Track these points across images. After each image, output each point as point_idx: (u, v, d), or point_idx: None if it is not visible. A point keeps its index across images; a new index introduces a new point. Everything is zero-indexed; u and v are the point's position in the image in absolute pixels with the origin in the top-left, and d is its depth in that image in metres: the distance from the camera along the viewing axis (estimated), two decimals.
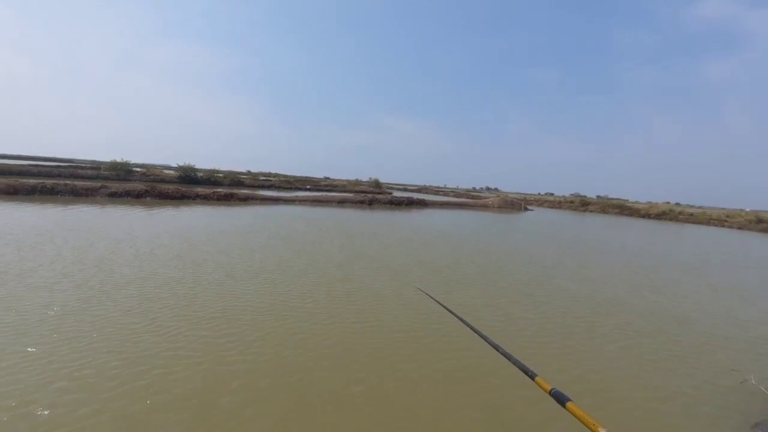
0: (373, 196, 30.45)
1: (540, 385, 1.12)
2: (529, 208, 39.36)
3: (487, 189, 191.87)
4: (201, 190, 23.26)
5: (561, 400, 1.03)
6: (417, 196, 38.88)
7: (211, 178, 35.82)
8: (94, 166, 37.97)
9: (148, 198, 19.82)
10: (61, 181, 20.14)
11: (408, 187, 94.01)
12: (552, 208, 46.95)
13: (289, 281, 6.81)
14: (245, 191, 26.60)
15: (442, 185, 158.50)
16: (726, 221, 36.62)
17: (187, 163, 35.13)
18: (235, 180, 38.87)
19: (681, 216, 38.51)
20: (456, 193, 74.70)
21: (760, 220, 34.26)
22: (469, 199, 43.12)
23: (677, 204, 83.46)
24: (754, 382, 4.31)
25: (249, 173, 57.67)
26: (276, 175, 61.96)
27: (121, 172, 31.52)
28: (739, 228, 34.55)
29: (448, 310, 2.05)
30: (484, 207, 35.28)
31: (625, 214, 40.58)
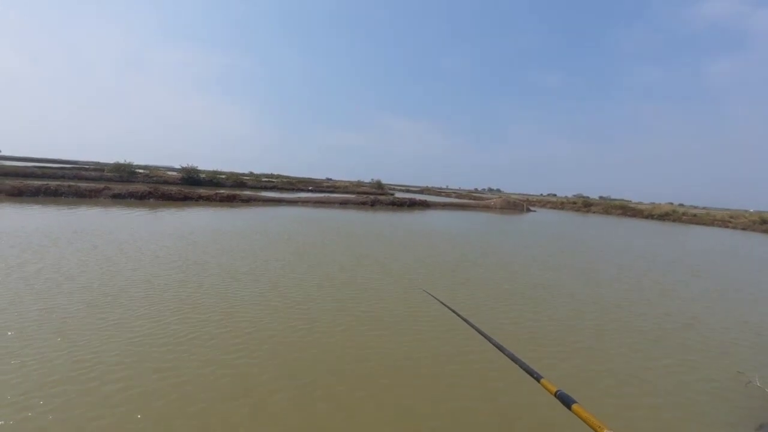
0: (375, 197, 30.47)
1: (545, 387, 1.12)
2: (531, 209, 39.27)
3: (490, 190, 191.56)
4: (203, 191, 23.35)
5: (566, 402, 1.03)
6: (419, 197, 38.86)
7: (213, 180, 35.96)
8: (98, 167, 38.15)
9: (151, 199, 19.91)
10: (65, 183, 20.26)
11: (410, 188, 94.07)
12: (554, 209, 46.81)
13: (292, 284, 6.81)
14: (248, 192, 26.67)
15: (444, 186, 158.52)
16: (730, 222, 36.40)
17: (189, 164, 35.35)
18: (237, 181, 39.00)
19: (684, 217, 38.32)
20: (458, 194, 74.62)
21: (764, 221, 34.01)
22: (471, 200, 43.09)
23: (680, 205, 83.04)
24: (759, 384, 4.29)
25: (251, 174, 57.86)
26: (278, 176, 62.15)
27: (124, 173, 31.68)
28: (743, 229, 34.34)
29: (454, 312, 2.05)
30: (487, 208, 35.23)
31: (628, 215, 40.42)
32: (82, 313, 4.81)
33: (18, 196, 17.18)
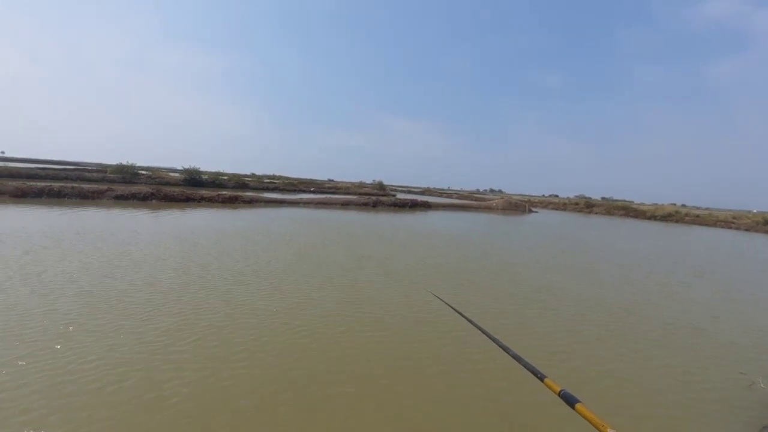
0: (377, 198, 30.48)
1: (549, 387, 1.13)
2: (533, 210, 39.21)
3: (491, 191, 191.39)
4: (206, 192, 23.41)
5: (570, 401, 1.04)
6: (421, 198, 38.85)
7: (215, 181, 36.06)
8: (101, 169, 38.33)
9: (154, 201, 19.98)
10: (68, 184, 20.34)
11: (412, 189, 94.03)
12: (556, 209, 46.70)
13: (294, 286, 6.82)
14: (250, 194, 26.72)
15: (445, 187, 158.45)
16: (733, 223, 36.25)
17: (191, 165, 35.51)
18: (239, 182, 39.12)
19: (687, 217, 38.18)
20: (460, 195, 74.63)
21: (767, 222, 33.88)
22: (473, 201, 43.09)
23: (683, 205, 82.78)
24: (762, 385, 4.28)
25: (253, 176, 58.01)
26: (280, 177, 62.30)
27: (126, 174, 31.81)
28: (746, 229, 34.18)
29: (458, 312, 2.06)
30: (488, 209, 35.21)
31: (631, 216, 40.30)
32: (85, 315, 4.82)
33: (21, 197, 17.27)
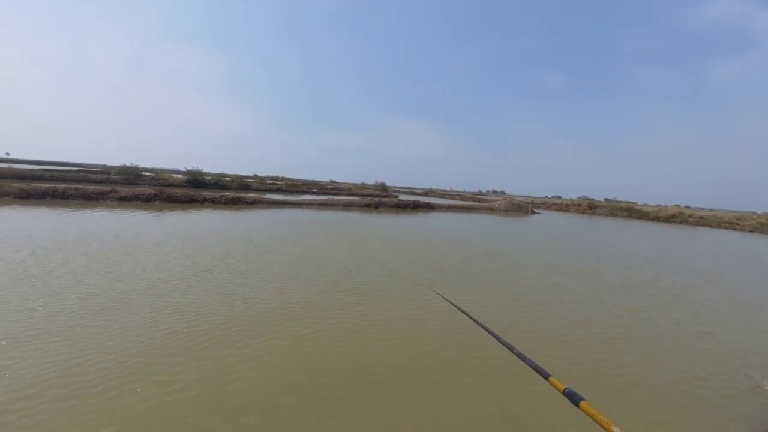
0: (379, 199, 30.48)
1: (554, 385, 1.13)
2: (536, 211, 39.10)
3: (494, 192, 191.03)
4: (209, 193, 23.49)
5: (574, 399, 1.04)
6: (423, 199, 38.83)
7: (218, 182, 36.20)
8: (104, 170, 38.52)
9: (157, 202, 20.06)
10: (72, 186, 20.45)
11: (414, 190, 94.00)
12: (559, 211, 46.56)
13: (296, 288, 6.82)
14: (252, 195, 26.78)
15: (448, 188, 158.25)
16: (737, 224, 36.02)
17: (193, 166, 35.65)
18: (242, 184, 39.25)
19: (691, 219, 37.97)
20: (462, 196, 74.59)
21: None
22: (475, 203, 43.00)
23: (687, 207, 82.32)
24: (767, 387, 4.25)
25: (256, 177, 58.20)
26: (283, 178, 62.45)
27: (130, 176, 31.97)
28: (750, 231, 33.97)
29: (462, 311, 2.06)
30: (491, 210, 35.14)
31: (634, 217, 40.13)
32: (87, 318, 4.83)
33: (26, 198, 17.39)
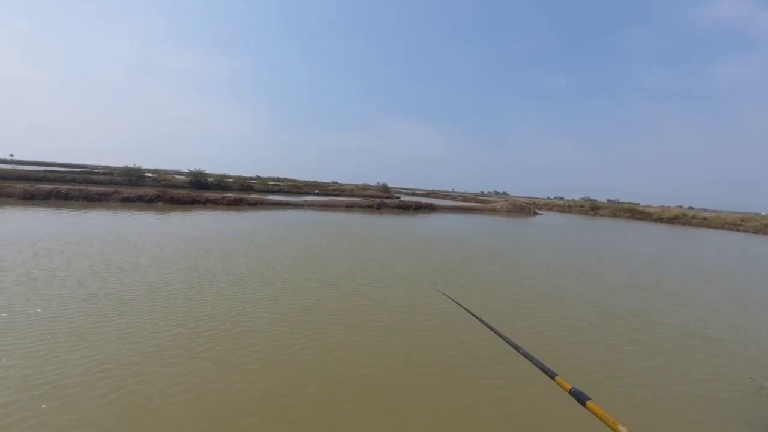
0: (381, 200, 30.49)
1: (560, 384, 1.12)
2: (538, 212, 39.03)
3: (496, 193, 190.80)
4: (211, 195, 23.56)
5: (581, 399, 1.03)
6: (425, 200, 38.85)
7: (220, 183, 36.35)
8: (107, 171, 38.70)
9: (160, 203, 20.13)
10: (76, 187, 20.56)
11: (416, 191, 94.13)
12: (562, 212, 46.49)
13: (298, 290, 6.80)
14: (255, 196, 26.84)
15: (450, 189, 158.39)
16: (741, 225, 35.85)
17: (196, 168, 35.81)
18: (244, 185, 39.36)
19: (694, 220, 37.81)
20: (464, 197, 74.67)
21: None
22: (477, 204, 42.96)
23: (690, 208, 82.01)
24: None
25: (258, 178, 58.37)
26: (285, 180, 62.61)
27: (133, 177, 32.14)
28: (754, 232, 33.81)
29: (467, 310, 2.04)
30: (493, 211, 35.09)
31: (637, 218, 40.00)
32: (90, 321, 4.82)
33: (30, 199, 17.48)
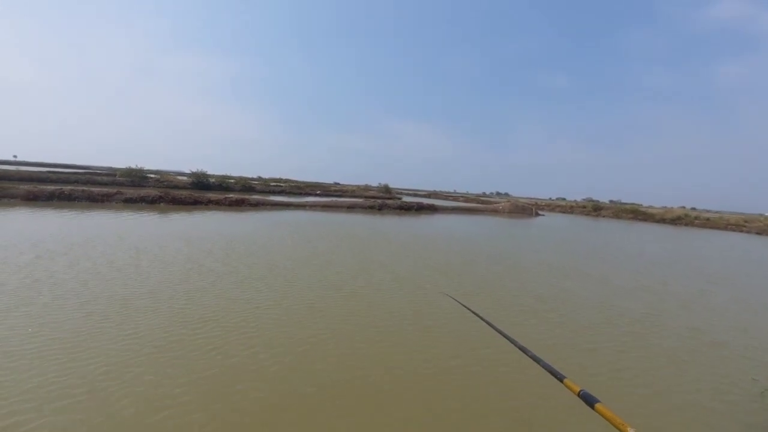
0: (382, 201, 30.49)
1: (569, 387, 1.11)
2: (540, 213, 38.96)
3: (498, 194, 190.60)
4: (213, 195, 23.60)
5: (590, 401, 1.02)
6: (427, 201, 38.82)
7: (222, 184, 36.37)
8: (110, 172, 38.83)
9: (162, 204, 20.18)
10: (78, 188, 20.63)
11: (418, 192, 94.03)
12: (564, 213, 46.40)
13: (300, 291, 6.80)
14: (256, 197, 26.87)
15: (452, 190, 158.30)
16: (744, 226, 35.69)
17: (198, 168, 35.88)
18: (246, 186, 39.40)
19: (697, 221, 37.66)
20: (466, 198, 74.57)
21: None
22: (479, 204, 42.90)
23: (693, 208, 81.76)
24: None
25: (260, 179, 58.43)
26: (286, 180, 62.63)
27: (135, 178, 32.20)
28: (757, 233, 33.65)
29: (474, 313, 2.04)
30: (495, 212, 35.04)
31: (640, 219, 39.87)
32: (91, 323, 4.82)
33: (33, 200, 17.55)
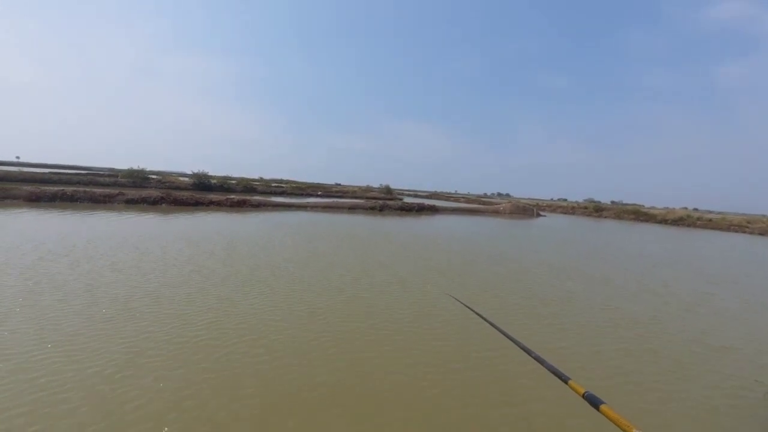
0: (384, 202, 30.49)
1: (573, 389, 1.11)
2: (541, 214, 38.90)
3: (499, 195, 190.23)
4: (214, 196, 23.65)
5: (594, 403, 1.02)
6: (428, 202, 38.80)
7: (224, 185, 36.42)
8: (112, 173, 38.95)
9: (164, 204, 20.22)
10: (81, 189, 20.70)
11: (419, 192, 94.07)
12: (565, 213, 46.34)
13: (300, 292, 6.80)
14: (258, 198, 26.91)
15: (453, 191, 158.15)
16: (747, 227, 35.56)
17: (200, 169, 35.96)
18: (247, 186, 39.45)
19: (699, 222, 37.54)
20: (467, 198, 74.56)
21: None
22: (480, 205, 42.85)
23: (695, 209, 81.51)
24: None
25: (261, 180, 58.43)
26: (288, 181, 62.74)
27: (137, 179, 32.30)
28: (760, 234, 33.52)
29: (478, 314, 2.03)
30: (496, 213, 34.99)
31: (641, 220, 39.77)
32: (92, 326, 4.82)
33: (35, 201, 17.62)
